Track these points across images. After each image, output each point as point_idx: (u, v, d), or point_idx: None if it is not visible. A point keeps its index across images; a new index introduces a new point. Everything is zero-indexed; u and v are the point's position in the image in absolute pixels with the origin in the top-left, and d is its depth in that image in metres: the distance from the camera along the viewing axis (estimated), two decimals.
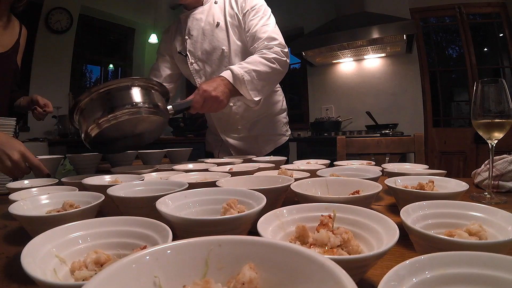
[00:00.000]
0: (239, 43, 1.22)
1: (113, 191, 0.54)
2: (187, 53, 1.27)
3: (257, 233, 0.32)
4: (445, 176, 0.65)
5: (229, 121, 1.33)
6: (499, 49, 3.06)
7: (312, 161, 1.02)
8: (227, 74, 1.04)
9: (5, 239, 0.50)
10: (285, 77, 1.21)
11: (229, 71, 1.04)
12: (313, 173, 0.74)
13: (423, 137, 1.44)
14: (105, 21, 3.90)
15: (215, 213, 0.47)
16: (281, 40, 1.16)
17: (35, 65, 3.15)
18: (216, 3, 1.24)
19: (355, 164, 0.92)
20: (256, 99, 1.07)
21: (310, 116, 3.73)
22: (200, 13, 1.25)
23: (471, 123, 0.71)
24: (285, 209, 0.40)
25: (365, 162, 0.95)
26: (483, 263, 0.23)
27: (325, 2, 3.48)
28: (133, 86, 0.79)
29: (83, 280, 0.29)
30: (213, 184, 0.60)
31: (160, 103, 0.84)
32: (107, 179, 0.74)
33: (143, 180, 0.67)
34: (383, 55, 3.27)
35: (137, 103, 0.78)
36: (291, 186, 0.55)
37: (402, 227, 0.34)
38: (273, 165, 0.90)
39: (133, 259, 0.21)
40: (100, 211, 0.52)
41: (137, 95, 0.79)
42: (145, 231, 0.35)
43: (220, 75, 1.04)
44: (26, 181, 0.76)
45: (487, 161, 0.77)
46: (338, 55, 3.28)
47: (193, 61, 1.27)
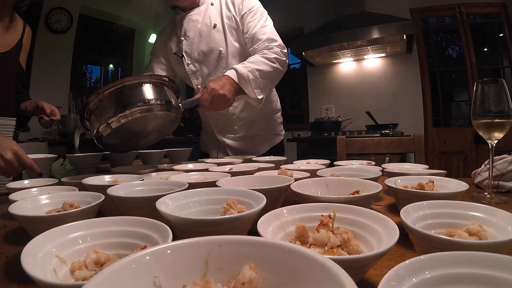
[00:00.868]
0: (236, 44, 1.23)
1: (113, 191, 0.54)
2: (183, 54, 1.26)
3: (257, 233, 0.32)
4: (445, 176, 0.65)
5: (226, 121, 1.33)
6: (499, 49, 3.06)
7: (312, 161, 1.02)
8: (232, 73, 1.05)
9: (5, 239, 0.50)
10: (285, 77, 1.23)
11: (233, 71, 1.05)
12: (313, 173, 0.74)
13: (423, 137, 1.44)
14: (105, 21, 3.90)
15: (215, 213, 0.47)
16: (280, 41, 1.19)
17: (35, 65, 3.15)
18: (212, 4, 1.25)
19: (355, 164, 0.92)
20: (259, 97, 1.09)
21: (310, 116, 3.73)
22: (196, 15, 1.25)
23: (471, 123, 0.71)
24: (285, 209, 0.40)
25: (365, 162, 0.95)
26: (483, 263, 0.23)
27: (325, 2, 3.47)
28: (145, 83, 0.79)
29: (83, 280, 0.29)
30: (213, 184, 0.60)
31: (172, 100, 0.84)
32: (107, 179, 0.74)
33: (143, 180, 0.67)
34: (383, 55, 3.27)
35: (149, 100, 0.77)
36: (291, 186, 0.55)
37: (402, 227, 0.34)
38: (273, 165, 0.90)
39: (133, 259, 0.21)
40: (100, 211, 0.52)
41: (149, 92, 0.79)
42: (145, 231, 0.35)
43: (225, 74, 1.05)
44: (26, 181, 0.76)
45: (487, 161, 0.77)
46: (338, 55, 3.27)
47: (190, 62, 1.27)
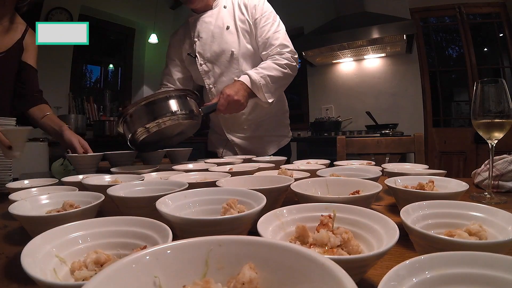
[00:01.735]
0: (249, 46, 1.26)
1: (113, 191, 0.54)
2: (196, 54, 1.30)
3: (257, 233, 0.32)
4: (445, 176, 0.65)
5: (235, 121, 1.35)
6: (499, 49, 3.06)
7: (312, 161, 1.02)
8: (245, 79, 1.13)
9: (5, 239, 0.50)
10: None
11: (247, 77, 1.14)
12: (313, 173, 0.74)
13: (423, 137, 1.44)
14: (105, 21, 3.89)
15: (215, 213, 0.47)
16: (291, 46, 1.25)
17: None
18: (225, 7, 1.28)
19: (355, 164, 0.92)
20: (269, 101, 1.17)
21: (310, 116, 3.73)
22: (209, 17, 1.29)
23: (471, 123, 0.71)
24: (285, 209, 0.40)
25: (365, 162, 0.95)
26: (483, 263, 0.23)
27: (325, 2, 3.47)
28: (171, 97, 0.97)
29: (83, 280, 0.29)
30: (213, 184, 0.60)
31: (194, 108, 1.01)
32: (107, 179, 0.74)
33: (143, 180, 0.67)
34: (383, 55, 3.27)
35: (175, 111, 0.95)
36: (291, 186, 0.55)
37: (402, 227, 0.34)
38: (273, 165, 0.90)
39: (133, 259, 0.21)
40: (100, 211, 0.52)
41: (175, 104, 0.97)
42: (145, 231, 0.35)
43: (239, 79, 1.14)
44: (26, 181, 0.76)
45: (487, 161, 0.77)
46: (338, 55, 3.27)
47: (202, 62, 1.30)
